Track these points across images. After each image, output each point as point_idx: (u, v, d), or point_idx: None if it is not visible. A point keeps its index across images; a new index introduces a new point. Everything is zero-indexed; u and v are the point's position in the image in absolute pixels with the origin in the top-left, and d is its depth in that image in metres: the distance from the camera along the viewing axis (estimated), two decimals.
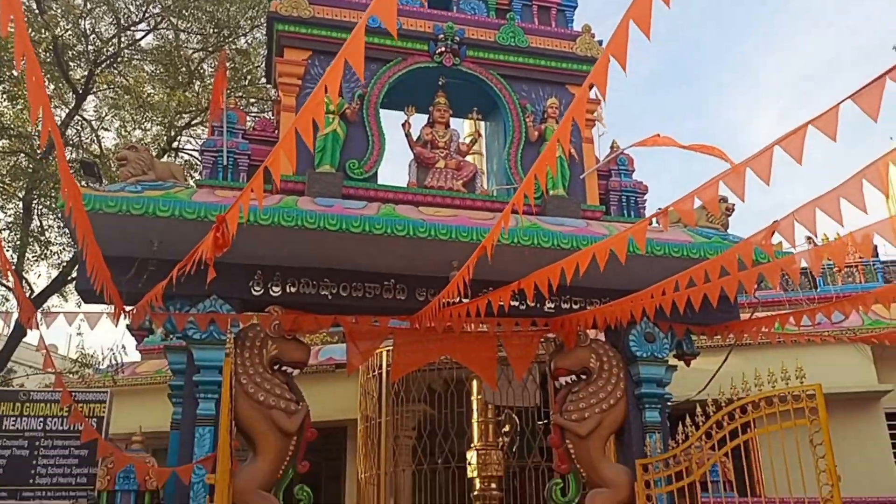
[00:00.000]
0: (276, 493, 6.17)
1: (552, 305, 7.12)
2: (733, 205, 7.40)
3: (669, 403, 7.66)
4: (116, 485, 5.85)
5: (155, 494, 6.01)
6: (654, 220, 4.66)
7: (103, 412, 7.23)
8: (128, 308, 6.06)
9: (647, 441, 6.82)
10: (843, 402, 10.33)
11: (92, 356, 13.69)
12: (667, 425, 7.04)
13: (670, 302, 5.80)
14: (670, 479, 6.57)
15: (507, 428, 9.94)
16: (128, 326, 6.48)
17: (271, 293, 6.54)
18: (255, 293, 6.51)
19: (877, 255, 11.52)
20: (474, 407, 9.89)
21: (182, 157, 14.71)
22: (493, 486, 9.56)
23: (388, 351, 9.30)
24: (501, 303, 6.98)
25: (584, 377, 7.14)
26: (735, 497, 6.58)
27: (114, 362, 12.58)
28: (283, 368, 6.52)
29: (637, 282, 6.36)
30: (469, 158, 7.60)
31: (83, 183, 6.40)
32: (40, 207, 13.65)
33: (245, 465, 6.19)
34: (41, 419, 7.01)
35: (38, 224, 13.95)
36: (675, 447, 6.57)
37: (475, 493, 9.51)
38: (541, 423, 9.48)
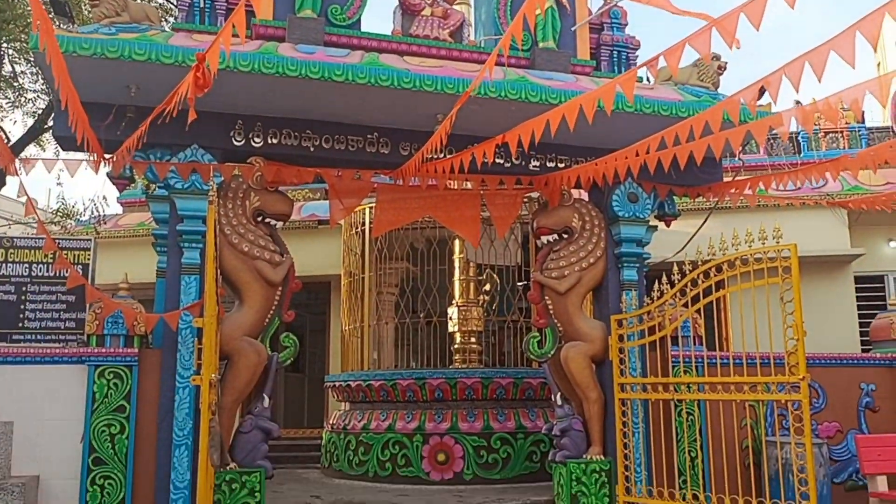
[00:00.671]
0: (262, 340, 6.34)
1: (537, 164, 7.09)
2: (725, 63, 7.23)
3: (648, 263, 7.82)
4: (105, 329, 5.96)
5: (144, 339, 6.15)
6: (644, 71, 4.54)
7: (88, 259, 7.28)
8: (108, 156, 5.96)
9: (623, 298, 7.02)
10: (817, 264, 10.61)
11: (73, 207, 13.61)
12: (643, 284, 7.23)
13: (655, 161, 5.79)
14: (643, 334, 6.84)
15: (487, 286, 10.19)
16: (109, 175, 6.40)
17: (253, 144, 6.43)
18: (236, 143, 6.40)
19: (863, 121, 11.46)
20: (456, 265, 10.09)
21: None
22: (473, 340, 9.92)
23: (370, 207, 9.31)
24: (486, 160, 6.93)
25: (565, 236, 7.24)
26: (703, 350, 6.85)
27: (95, 213, 12.53)
28: (267, 220, 6.53)
29: (624, 140, 6.30)
30: (457, 7, 7.28)
31: (56, 24, 6.10)
32: (10, 52, 13.08)
33: (231, 313, 6.33)
34: (27, 265, 7.06)
35: (11, 70, 13.43)
36: (650, 304, 6.79)
37: (455, 346, 9.88)
38: (521, 283, 9.71)
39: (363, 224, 10.01)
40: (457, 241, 9.90)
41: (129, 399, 5.87)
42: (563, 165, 7.10)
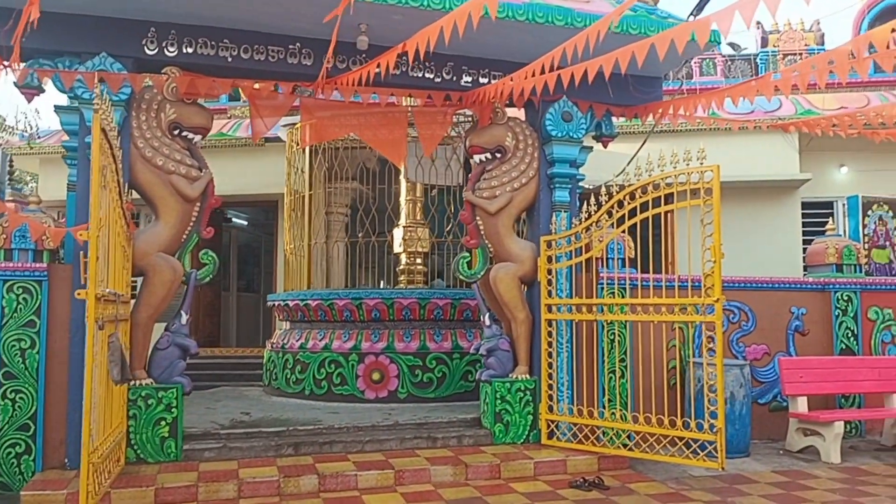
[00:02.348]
0: (180, 256, 6.23)
1: (469, 80, 6.85)
2: None
3: (589, 186, 7.71)
4: (13, 243, 5.81)
5: (55, 253, 6.01)
6: None
7: None
8: (6, 63, 5.67)
9: (553, 219, 6.94)
10: (766, 189, 10.58)
11: (4, 119, 13.14)
12: (576, 205, 7.14)
13: (594, 70, 5.46)
14: (571, 255, 6.79)
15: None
16: (15, 83, 6.11)
17: (166, 53, 6.14)
18: (149, 52, 6.11)
19: (822, 44, 11.22)
20: (402, 185, 9.93)
21: None
22: (419, 261, 9.87)
23: (325, 124, 9.06)
24: (417, 74, 6.71)
25: (499, 155, 7.08)
26: (634, 272, 6.84)
27: (28, 128, 12.14)
28: (184, 134, 6.31)
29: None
30: None
31: None
32: None
33: (146, 228, 6.18)
34: None
35: None
36: (577, 225, 6.72)
37: (401, 267, 9.83)
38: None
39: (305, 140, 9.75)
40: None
41: (40, 314, 5.76)
42: (497, 81, 6.88)
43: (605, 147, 7.67)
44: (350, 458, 6.13)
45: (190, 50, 6.20)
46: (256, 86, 6.34)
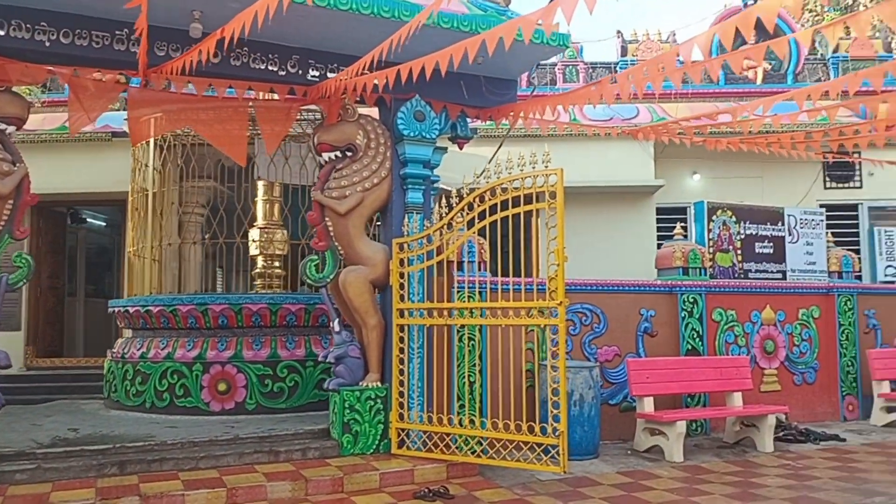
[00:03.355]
0: None
1: (317, 74, 6.56)
2: None
3: (449, 188, 7.58)
4: None
5: None
6: None
7: None
8: None
9: (406, 221, 6.75)
10: (624, 194, 10.86)
11: None
12: (430, 207, 6.98)
13: (431, 66, 5.28)
14: (424, 258, 6.62)
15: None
16: None
17: None
18: None
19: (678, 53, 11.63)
20: (260, 184, 9.49)
21: None
22: (277, 264, 9.46)
23: (156, 118, 8.48)
24: (258, 66, 6.37)
25: (349, 154, 6.83)
26: (487, 275, 6.76)
27: None
28: None
29: (414, 53, 5.85)
30: None
31: None
32: None
33: None
34: None
35: None
36: (429, 228, 6.56)
37: (257, 270, 9.39)
38: None
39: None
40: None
41: None
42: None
43: (461, 149, 7.58)
44: (181, 476, 5.69)
45: (1, 32, 5.59)
46: (75, 73, 5.78)
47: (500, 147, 7.58)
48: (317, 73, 6.56)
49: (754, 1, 11.31)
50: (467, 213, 6.30)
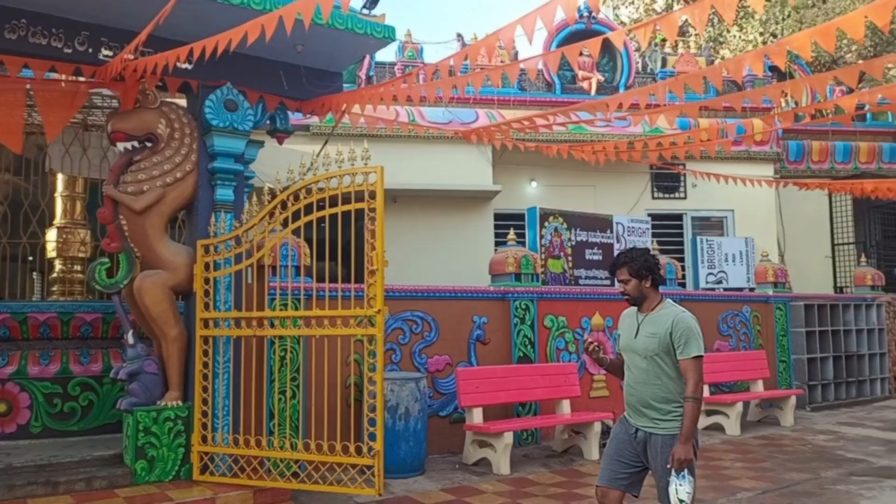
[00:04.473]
0: None
1: (110, 54, 5.77)
2: None
3: (273, 186, 6.97)
4: None
5: None
6: None
7: None
8: None
9: (213, 220, 6.08)
10: (463, 199, 10.66)
11: None
12: (242, 205, 6.35)
13: (235, 41, 4.69)
14: (233, 262, 5.99)
15: None
16: None
17: None
18: None
19: (516, 58, 11.67)
20: (59, 178, 8.43)
21: None
22: (77, 268, 8.43)
23: None
24: (40, 42, 5.52)
25: (149, 144, 6.07)
26: (312, 281, 6.21)
27: None
28: None
29: (213, 32, 5.24)
30: None
31: None
32: None
33: None
34: None
35: None
36: (238, 228, 5.94)
37: (54, 275, 8.32)
38: None
39: None
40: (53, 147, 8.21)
41: None
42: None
43: (281, 143, 7.01)
44: None
45: None
46: None
47: (325, 143, 7.10)
48: (110, 53, 5.76)
49: (588, 13, 11.50)
50: (281, 213, 5.74)
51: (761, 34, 14.28)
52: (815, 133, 12.98)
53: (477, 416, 6.99)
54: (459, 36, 11.57)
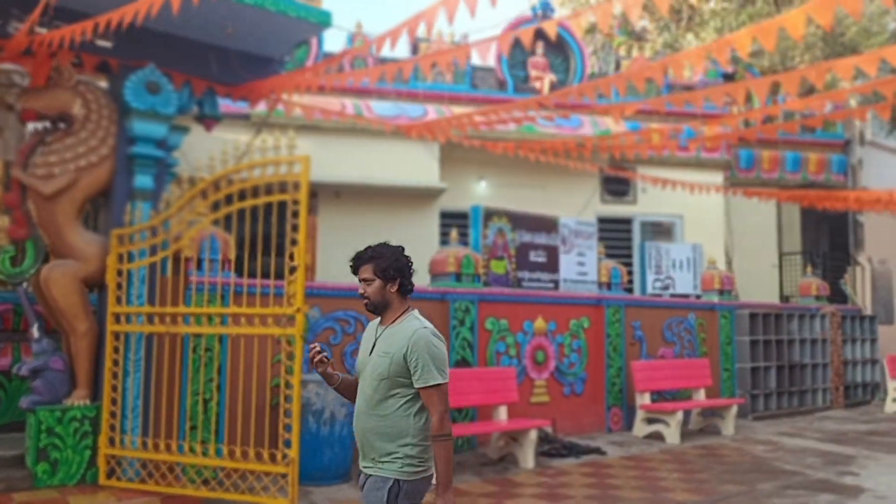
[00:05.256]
0: None
1: (20, 26, 5.36)
2: None
3: (189, 174, 6.62)
4: None
5: None
6: None
7: None
8: None
9: (129, 209, 5.72)
10: (408, 196, 10.38)
11: None
12: (163, 194, 5.98)
13: (142, 14, 4.37)
14: (148, 253, 5.63)
15: None
16: None
17: None
18: None
19: (469, 57, 11.43)
20: None
21: None
22: None
23: None
24: None
25: (63, 125, 5.68)
26: (232, 277, 5.88)
27: None
28: None
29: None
30: None
31: None
32: None
33: None
34: None
35: None
36: (155, 217, 5.59)
37: None
38: None
39: None
40: None
41: None
42: None
43: (209, 130, 6.65)
44: None
45: None
46: None
47: (259, 132, 6.76)
48: (20, 26, 5.36)
49: (543, 9, 11.33)
50: (201, 202, 5.41)
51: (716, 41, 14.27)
52: (766, 143, 13.03)
53: None
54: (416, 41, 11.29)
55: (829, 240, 14.62)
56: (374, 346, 2.88)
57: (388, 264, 2.87)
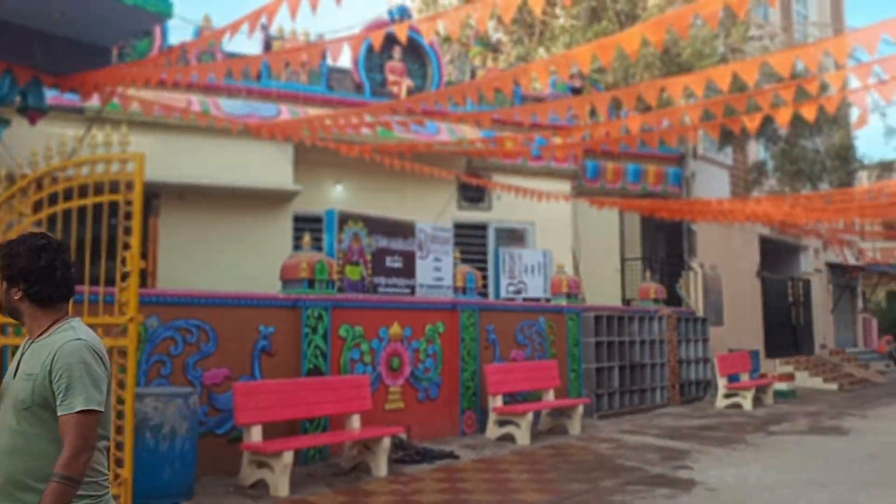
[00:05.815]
0: None
1: None
2: None
3: (6, 170, 6.02)
4: None
5: None
6: None
7: None
8: None
9: None
10: (259, 198, 10.02)
11: None
12: None
13: None
14: None
15: None
16: None
17: None
18: None
19: (324, 57, 11.24)
20: None
21: None
22: None
23: None
24: None
25: None
26: None
27: None
28: None
29: None
30: None
31: None
32: None
33: None
34: None
35: None
36: None
37: None
38: None
39: None
40: None
41: None
42: None
43: (33, 123, 6.08)
44: None
45: None
46: None
47: (90, 128, 6.25)
48: None
49: (400, 14, 11.34)
50: (22, 201, 4.91)
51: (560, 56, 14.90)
52: (610, 155, 13.70)
53: (255, 435, 6.44)
54: (264, 27, 10.93)
55: (665, 247, 15.60)
56: (17, 368, 2.28)
57: (6, 263, 2.30)
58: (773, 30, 16.77)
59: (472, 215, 12.28)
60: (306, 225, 10.14)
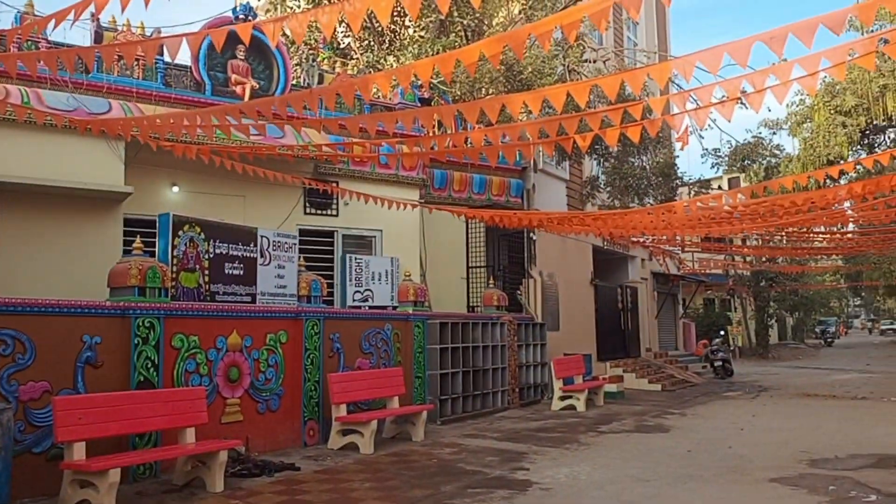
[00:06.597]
0: None
1: None
2: None
3: None
4: None
5: None
6: None
7: None
8: None
9: None
10: (85, 199, 9.32)
11: None
12: None
13: None
14: None
15: None
16: None
17: None
18: None
19: (161, 54, 10.70)
20: None
21: None
22: None
23: None
24: None
25: None
26: None
27: None
28: None
29: None
30: None
31: None
32: None
33: None
34: None
35: None
36: None
37: None
38: None
39: None
40: None
41: None
42: None
43: None
44: None
45: None
46: None
47: None
48: None
49: (244, 13, 11.01)
50: None
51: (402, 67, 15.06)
52: (458, 165, 14.02)
53: (78, 452, 5.98)
54: (95, 17, 10.22)
55: (508, 255, 16.16)
56: None
57: None
58: (605, 54, 17.87)
59: (320, 221, 12.10)
60: (139, 229, 9.57)
